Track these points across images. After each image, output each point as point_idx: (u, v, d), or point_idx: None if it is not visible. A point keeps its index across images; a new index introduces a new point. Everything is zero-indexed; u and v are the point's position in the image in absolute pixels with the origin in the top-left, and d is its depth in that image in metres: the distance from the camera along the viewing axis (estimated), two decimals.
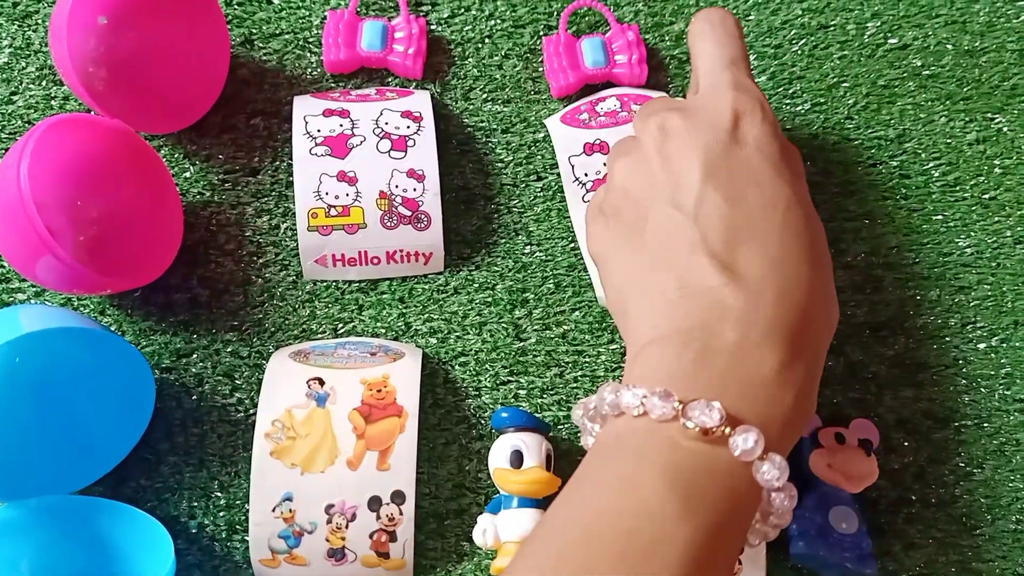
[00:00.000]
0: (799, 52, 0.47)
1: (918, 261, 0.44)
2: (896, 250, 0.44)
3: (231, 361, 0.41)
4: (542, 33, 0.47)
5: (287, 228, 0.43)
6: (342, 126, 0.42)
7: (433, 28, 0.47)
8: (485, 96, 0.46)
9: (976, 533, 0.40)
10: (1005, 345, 0.42)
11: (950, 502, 0.40)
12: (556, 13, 0.47)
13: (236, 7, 0.46)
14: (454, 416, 0.40)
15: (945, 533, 0.40)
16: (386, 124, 0.42)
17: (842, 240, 0.44)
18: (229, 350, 0.41)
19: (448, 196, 0.43)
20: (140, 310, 0.41)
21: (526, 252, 0.43)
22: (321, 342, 0.41)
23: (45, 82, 0.45)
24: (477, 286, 0.43)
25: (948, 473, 0.41)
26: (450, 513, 0.39)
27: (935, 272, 0.43)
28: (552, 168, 0.44)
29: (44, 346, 0.36)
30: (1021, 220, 0.44)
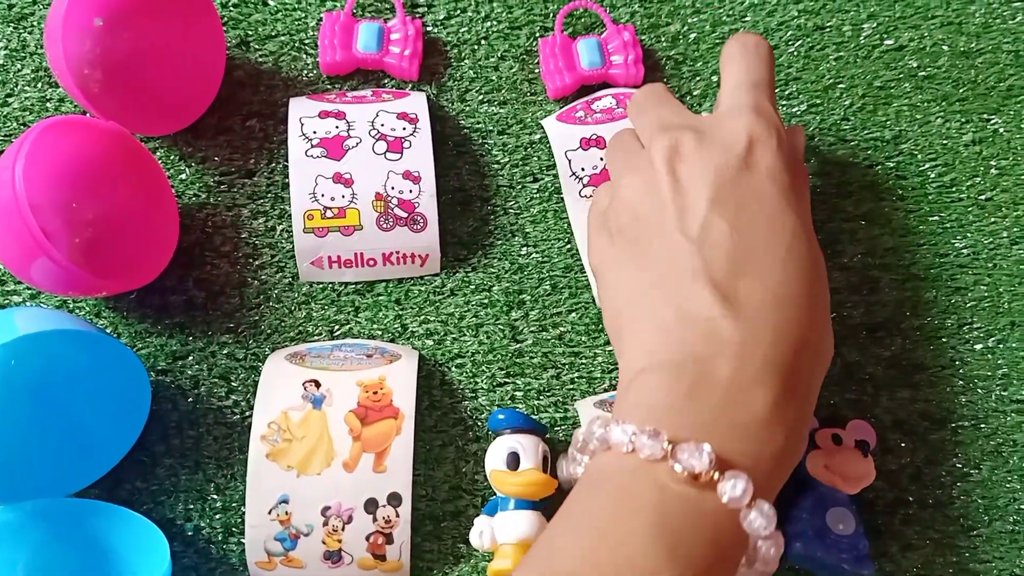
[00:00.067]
0: (795, 53, 0.47)
1: (915, 262, 0.44)
2: (893, 251, 0.44)
3: (227, 363, 0.41)
4: (538, 34, 0.47)
5: (283, 230, 0.43)
6: (338, 128, 0.42)
7: (429, 30, 0.47)
8: (481, 97, 0.46)
9: (973, 534, 0.40)
10: (1002, 346, 0.42)
11: (947, 503, 0.40)
12: (552, 14, 0.47)
13: (232, 9, 0.46)
14: (451, 418, 0.40)
15: (942, 534, 0.40)
16: (382, 126, 0.42)
17: (839, 241, 0.44)
18: (225, 352, 0.41)
19: (444, 198, 0.43)
20: (136, 312, 0.41)
21: (523, 254, 0.43)
22: (317, 344, 0.41)
23: (41, 84, 0.45)
24: (474, 288, 0.43)
25: (945, 474, 0.41)
26: (447, 515, 0.39)
27: (932, 273, 0.44)
28: (548, 169, 0.44)
29: (40, 349, 0.36)
30: (1017, 221, 0.44)
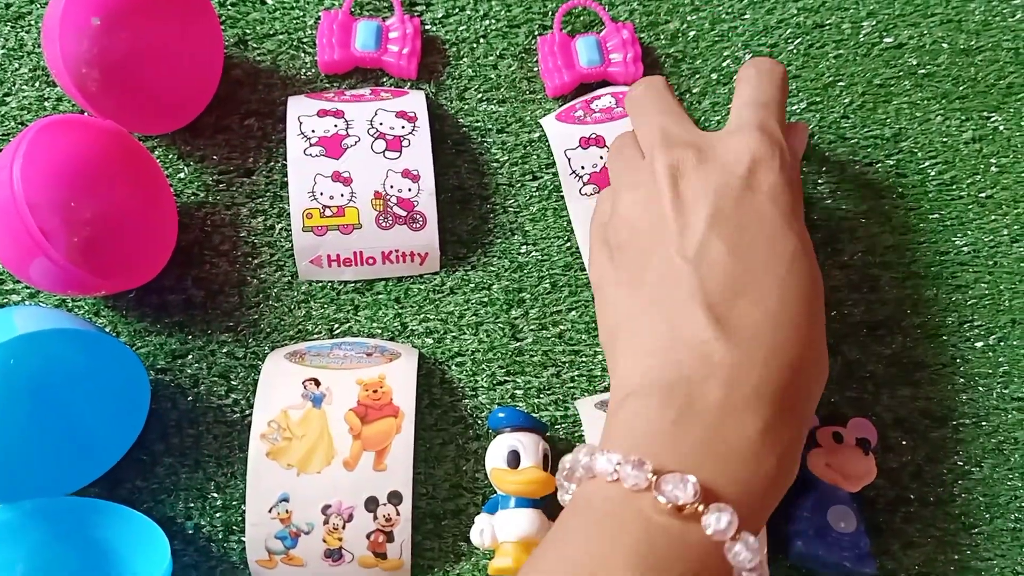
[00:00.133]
0: (795, 51, 0.47)
1: (915, 260, 0.44)
2: (893, 249, 0.44)
3: (226, 362, 0.41)
4: (537, 33, 0.47)
5: (282, 229, 0.43)
6: (336, 126, 0.42)
7: (427, 28, 0.47)
8: (480, 96, 0.46)
9: (974, 532, 0.40)
10: (1003, 343, 0.42)
11: (948, 501, 0.40)
12: (550, 13, 0.47)
13: (230, 7, 0.46)
14: (451, 416, 0.40)
15: (943, 532, 0.40)
16: (381, 124, 0.42)
17: (839, 239, 0.44)
18: (224, 351, 0.41)
19: (443, 196, 0.43)
20: (135, 311, 0.41)
21: (522, 252, 0.43)
22: (317, 343, 0.41)
23: (38, 83, 0.44)
24: (473, 286, 0.42)
25: (946, 472, 0.40)
26: (447, 513, 0.39)
27: (932, 271, 0.43)
28: (548, 168, 0.44)
29: (39, 348, 0.36)
30: (1018, 218, 0.44)
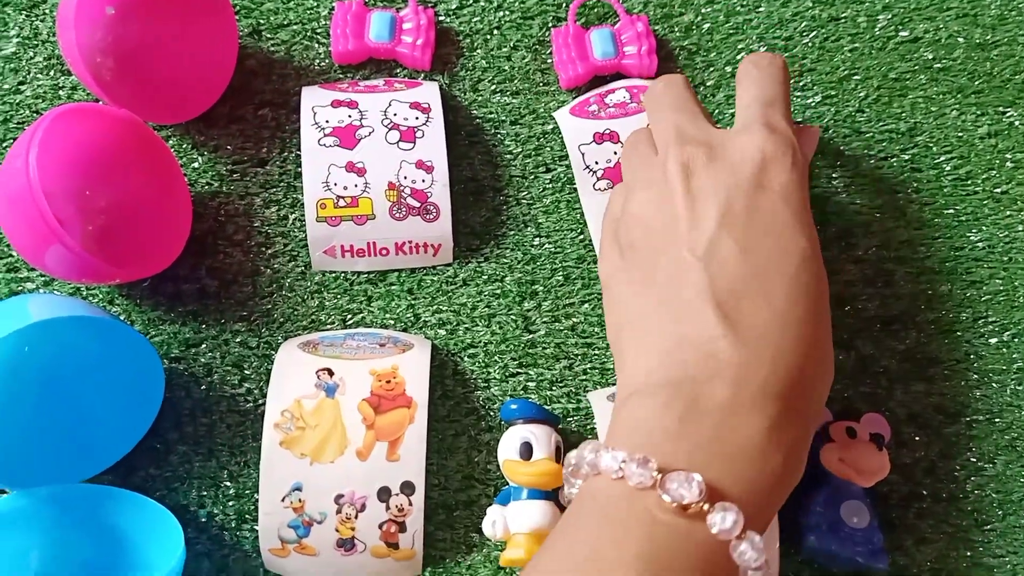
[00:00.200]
0: (810, 44, 0.47)
1: (929, 255, 0.43)
2: (907, 244, 0.44)
3: (240, 351, 0.41)
4: (551, 24, 0.46)
5: (295, 219, 0.43)
6: (350, 117, 0.42)
7: (441, 19, 0.47)
8: (494, 87, 0.45)
9: (987, 528, 0.40)
10: (1017, 340, 0.42)
11: (961, 497, 0.40)
12: (565, 4, 0.47)
13: None
14: (463, 408, 0.40)
15: (956, 528, 0.39)
16: (395, 115, 0.42)
17: (853, 234, 0.44)
18: (238, 340, 0.41)
19: (457, 188, 0.43)
20: (149, 300, 0.41)
21: (535, 244, 0.43)
22: (330, 333, 0.41)
23: (53, 72, 0.45)
24: (486, 278, 0.42)
25: (959, 468, 0.40)
26: (459, 504, 0.39)
27: (947, 266, 0.43)
28: (561, 160, 0.44)
29: (53, 335, 0.36)
30: None
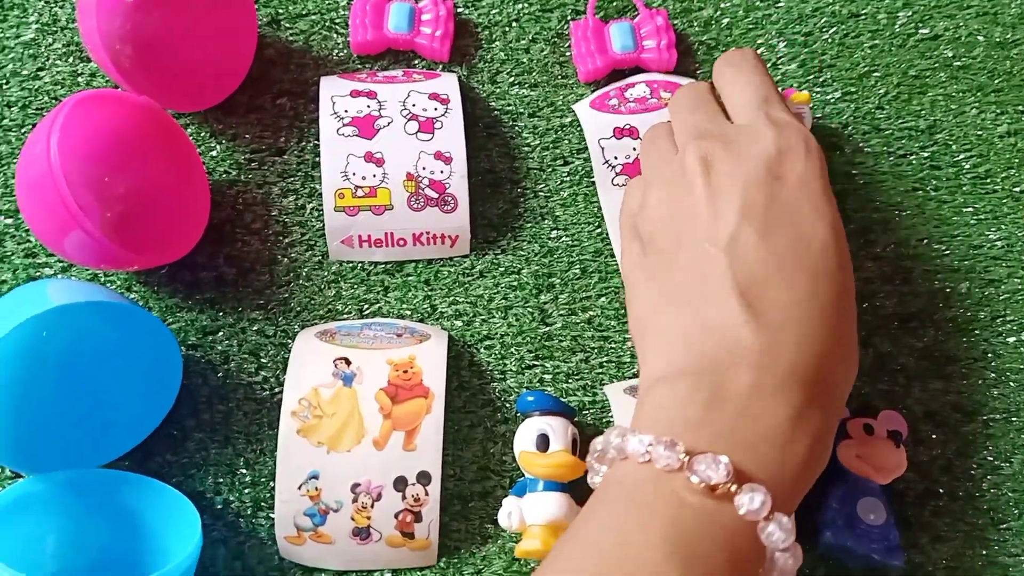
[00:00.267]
0: (830, 40, 0.47)
1: (948, 253, 0.43)
2: (926, 242, 0.43)
3: (257, 340, 0.41)
4: (570, 17, 0.46)
5: (313, 208, 0.43)
6: (369, 107, 0.42)
7: (460, 11, 0.46)
8: (512, 80, 0.45)
9: (1003, 527, 0.39)
10: None
11: (977, 496, 0.40)
12: None
13: None
14: (479, 399, 0.40)
15: (972, 527, 0.39)
16: (413, 106, 0.42)
17: (871, 231, 0.43)
18: (255, 329, 0.41)
19: (474, 179, 0.43)
20: (167, 287, 0.41)
21: (552, 237, 0.43)
22: (347, 322, 0.41)
23: (72, 58, 0.45)
24: (503, 270, 0.42)
25: (976, 467, 0.40)
26: (475, 495, 0.39)
27: (965, 264, 0.43)
28: (579, 153, 0.44)
29: (72, 320, 0.36)
30: None
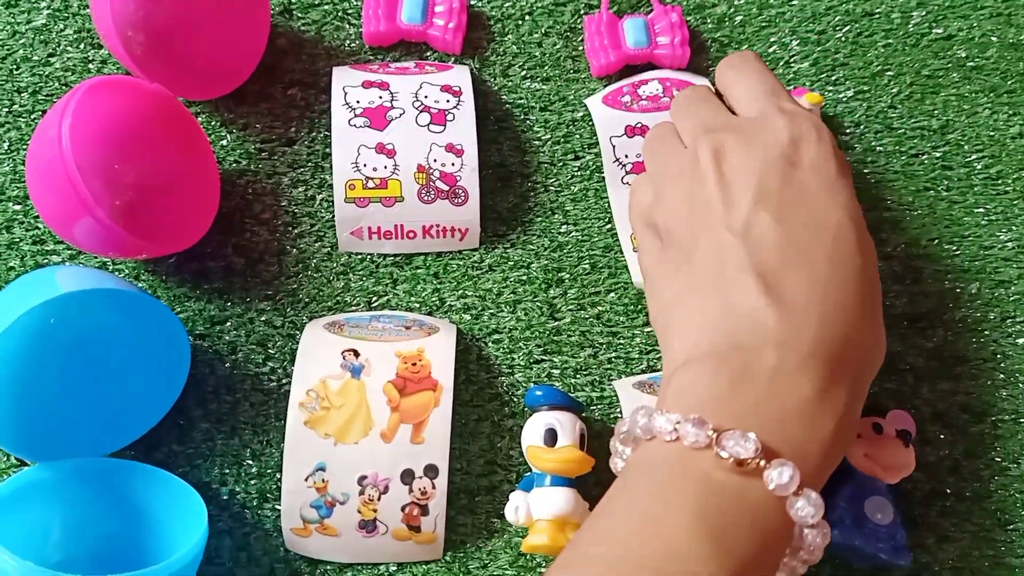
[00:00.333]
0: (843, 39, 0.46)
1: (958, 253, 0.43)
2: (936, 242, 0.43)
3: (265, 330, 0.41)
4: (583, 11, 0.46)
5: (323, 199, 0.43)
6: (381, 98, 0.42)
7: (473, 3, 0.46)
8: (524, 73, 0.45)
9: (1010, 528, 0.39)
10: None
11: (985, 496, 0.40)
12: None
13: None
14: (487, 393, 0.40)
15: (979, 527, 0.39)
16: (425, 97, 0.42)
17: (882, 230, 0.43)
18: (263, 319, 0.41)
19: (485, 173, 0.43)
20: (175, 276, 0.41)
21: (562, 231, 0.43)
22: (355, 314, 0.41)
23: (83, 45, 0.44)
24: (512, 264, 0.42)
25: (984, 467, 0.40)
26: (481, 489, 0.39)
27: (975, 265, 0.43)
28: (590, 148, 0.44)
29: (80, 307, 0.36)
30: None
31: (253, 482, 0.39)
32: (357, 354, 0.37)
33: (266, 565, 0.38)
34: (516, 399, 0.40)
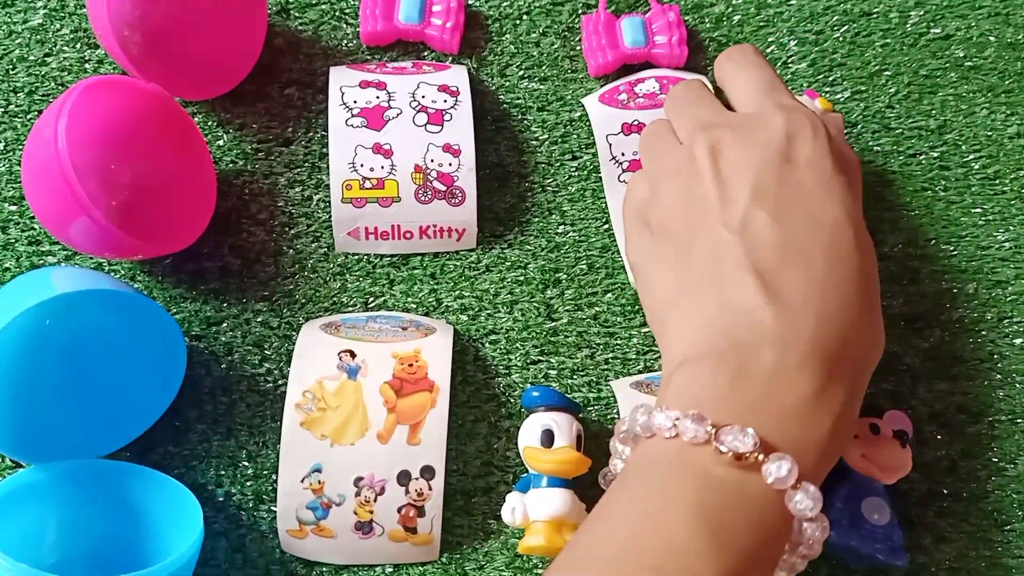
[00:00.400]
0: (841, 39, 0.46)
1: (955, 254, 0.43)
2: (934, 242, 0.43)
3: (261, 331, 0.41)
4: (580, 11, 0.46)
5: (319, 200, 0.43)
6: (378, 98, 0.42)
7: (471, 3, 0.46)
8: (521, 73, 0.45)
9: (1007, 528, 0.39)
10: None
11: (982, 497, 0.40)
12: None
13: None
14: (483, 394, 0.40)
15: (976, 527, 0.39)
16: (423, 97, 0.42)
17: (879, 230, 0.43)
18: (259, 320, 0.41)
19: (482, 173, 0.43)
20: (171, 277, 0.41)
21: (559, 232, 0.43)
22: (352, 315, 0.41)
23: (79, 45, 0.44)
24: (509, 264, 0.42)
25: (980, 468, 0.40)
26: (478, 491, 0.39)
27: (972, 265, 0.43)
28: (587, 148, 0.44)
29: (76, 308, 0.36)
30: None
31: (249, 483, 0.39)
32: (353, 355, 0.37)
33: (262, 567, 0.38)
34: (513, 400, 0.40)
